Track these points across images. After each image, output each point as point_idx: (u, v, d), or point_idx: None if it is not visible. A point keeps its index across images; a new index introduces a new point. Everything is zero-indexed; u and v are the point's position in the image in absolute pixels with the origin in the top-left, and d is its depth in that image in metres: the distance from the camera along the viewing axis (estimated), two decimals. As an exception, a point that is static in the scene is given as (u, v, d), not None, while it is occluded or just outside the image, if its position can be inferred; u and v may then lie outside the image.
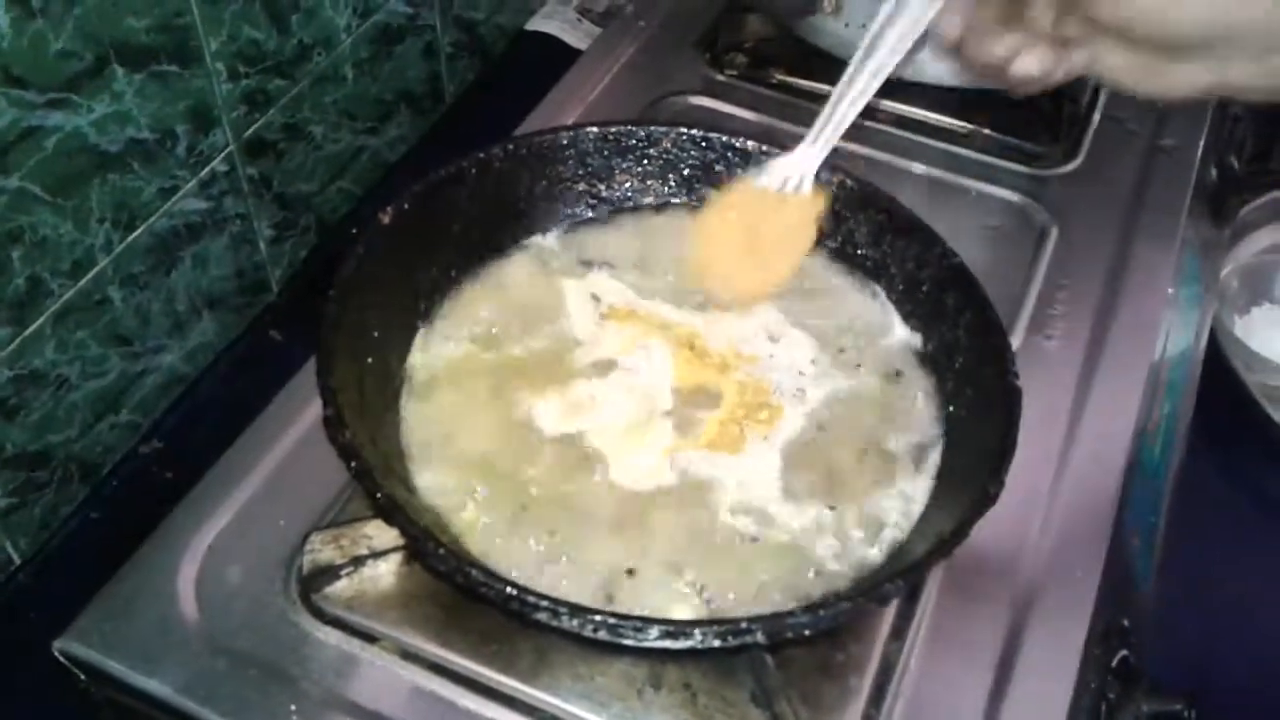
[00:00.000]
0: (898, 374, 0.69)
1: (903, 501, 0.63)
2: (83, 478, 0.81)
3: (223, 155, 0.84)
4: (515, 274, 0.73)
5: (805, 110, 0.95)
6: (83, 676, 0.61)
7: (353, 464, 0.55)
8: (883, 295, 0.73)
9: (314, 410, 0.69)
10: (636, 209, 0.76)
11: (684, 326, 0.71)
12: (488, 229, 0.73)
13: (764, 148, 0.74)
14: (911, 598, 0.64)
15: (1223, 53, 0.53)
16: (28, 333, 0.72)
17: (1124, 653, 0.68)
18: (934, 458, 0.65)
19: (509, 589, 0.51)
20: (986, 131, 0.95)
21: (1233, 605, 0.86)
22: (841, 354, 0.70)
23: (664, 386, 0.67)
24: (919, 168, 0.92)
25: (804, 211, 0.68)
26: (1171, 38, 0.53)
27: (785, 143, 0.74)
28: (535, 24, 1.22)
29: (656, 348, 0.69)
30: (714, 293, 0.71)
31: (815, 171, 0.68)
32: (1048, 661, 0.63)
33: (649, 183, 0.76)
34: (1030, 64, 0.56)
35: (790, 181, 0.68)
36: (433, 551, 0.52)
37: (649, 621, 0.51)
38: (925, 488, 0.64)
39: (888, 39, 0.60)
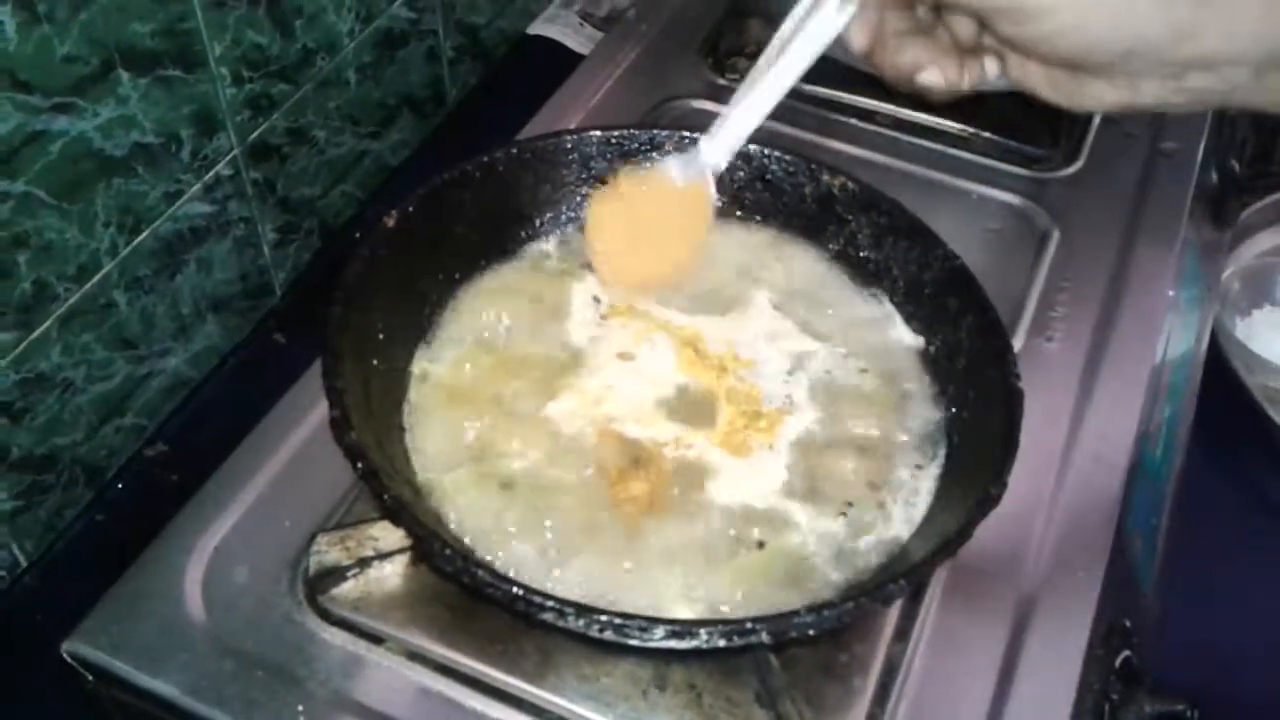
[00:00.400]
0: (900, 376, 0.69)
1: (906, 503, 0.63)
2: (88, 480, 0.81)
3: (227, 159, 0.84)
4: (519, 275, 0.73)
5: (805, 113, 0.96)
6: (90, 677, 0.61)
7: (359, 465, 0.55)
8: (885, 298, 0.73)
9: (319, 412, 0.70)
10: (640, 212, 0.76)
11: (685, 327, 0.71)
12: (491, 232, 0.73)
13: (764, 150, 0.74)
14: (915, 598, 0.65)
15: (1132, 72, 0.54)
16: (34, 336, 0.72)
17: (1126, 653, 0.68)
18: (937, 459, 0.65)
19: (516, 589, 0.51)
20: (987, 135, 0.95)
21: (1235, 606, 0.87)
22: (845, 357, 0.70)
23: (669, 384, 0.68)
24: (920, 171, 0.92)
25: (695, 199, 0.68)
26: (1078, 59, 0.54)
27: (785, 145, 0.75)
28: (537, 28, 1.22)
29: (661, 343, 0.70)
30: (608, 281, 0.71)
31: (712, 170, 0.68)
32: (1051, 662, 0.63)
33: (652, 186, 0.76)
34: (935, 76, 0.58)
35: (688, 178, 0.68)
36: (439, 552, 0.53)
37: (654, 621, 0.52)
38: (928, 489, 0.64)
39: (795, 45, 0.61)
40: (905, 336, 0.71)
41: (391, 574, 0.63)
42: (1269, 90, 0.54)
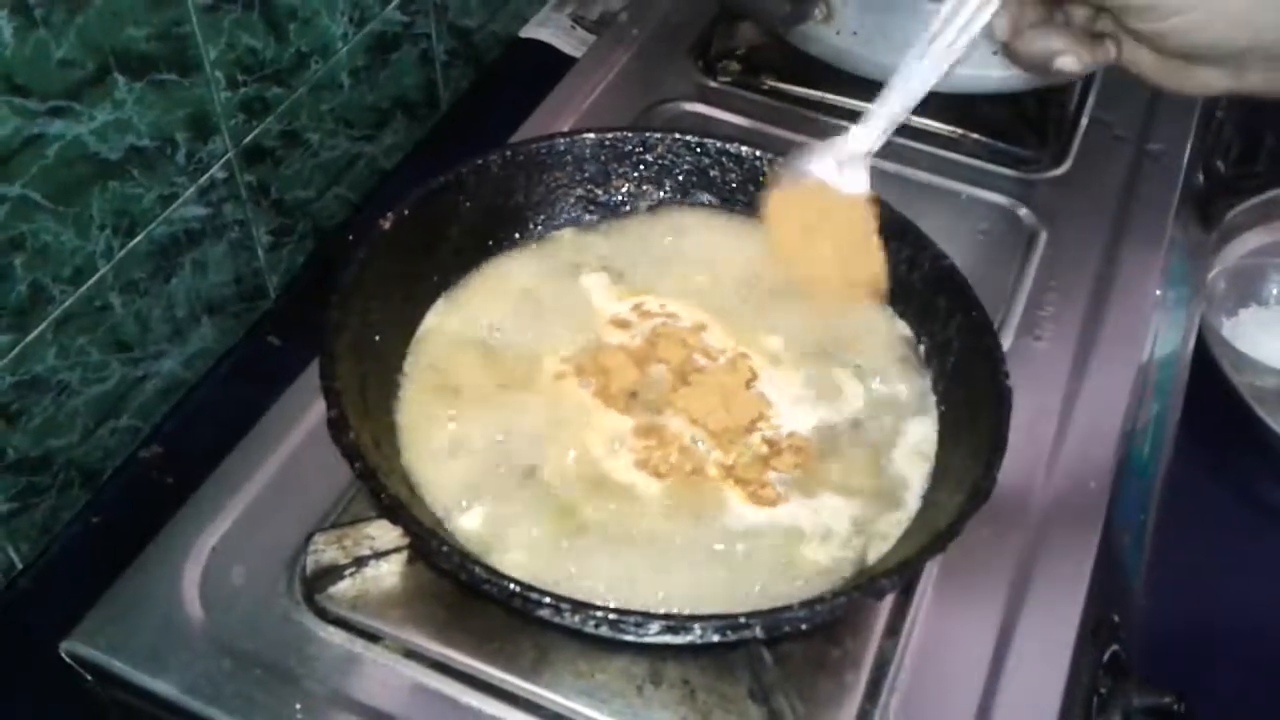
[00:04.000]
0: (891, 374, 0.70)
1: (897, 499, 0.64)
2: (84, 483, 0.81)
3: (221, 162, 0.84)
4: (513, 278, 0.73)
5: (797, 116, 0.97)
6: (89, 677, 0.61)
7: (357, 465, 0.56)
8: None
9: (314, 414, 0.70)
10: (633, 212, 0.77)
11: (683, 327, 0.71)
12: (486, 233, 0.74)
13: (756, 152, 0.75)
14: (906, 593, 0.65)
15: (1240, 62, 0.59)
16: (29, 339, 0.73)
17: (1115, 647, 0.69)
18: (927, 456, 0.66)
19: (512, 585, 0.52)
20: (976, 136, 0.96)
21: (1221, 601, 0.87)
22: (835, 355, 0.71)
23: (667, 386, 0.68)
24: (910, 172, 0.93)
25: (862, 207, 0.69)
26: (1197, 52, 0.59)
27: (777, 148, 0.75)
28: (529, 31, 1.23)
29: (662, 339, 0.70)
30: (816, 297, 0.72)
31: (866, 156, 0.68)
32: (1040, 656, 0.64)
33: (645, 187, 0.77)
34: (1070, 63, 0.62)
35: (843, 167, 0.68)
36: (436, 549, 0.53)
37: (649, 616, 0.52)
38: (919, 485, 0.64)
39: (945, 36, 0.63)
40: (896, 335, 0.72)
41: (388, 572, 0.63)
42: None
